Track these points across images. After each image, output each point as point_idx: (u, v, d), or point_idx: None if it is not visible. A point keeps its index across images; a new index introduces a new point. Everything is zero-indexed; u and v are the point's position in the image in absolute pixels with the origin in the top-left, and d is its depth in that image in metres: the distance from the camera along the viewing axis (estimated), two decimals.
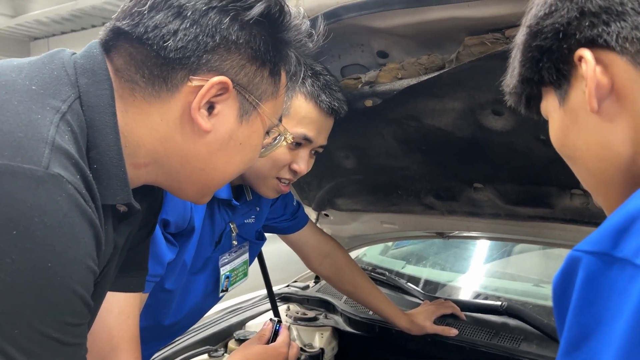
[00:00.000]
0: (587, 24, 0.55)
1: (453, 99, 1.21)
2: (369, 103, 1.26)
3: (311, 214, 1.88)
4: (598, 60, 0.55)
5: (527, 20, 0.62)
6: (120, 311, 0.86)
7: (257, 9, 0.66)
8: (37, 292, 0.50)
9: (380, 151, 1.50)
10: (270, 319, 1.24)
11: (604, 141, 0.57)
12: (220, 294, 1.34)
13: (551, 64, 0.59)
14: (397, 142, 1.43)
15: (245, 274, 1.39)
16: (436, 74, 1.13)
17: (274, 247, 1.71)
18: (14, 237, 0.49)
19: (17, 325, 0.50)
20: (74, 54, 0.68)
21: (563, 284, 0.48)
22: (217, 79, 0.65)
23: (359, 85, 1.27)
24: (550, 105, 0.63)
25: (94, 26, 9.94)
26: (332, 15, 1.09)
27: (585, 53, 0.55)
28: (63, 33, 10.37)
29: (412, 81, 1.16)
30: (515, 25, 0.99)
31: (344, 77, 1.31)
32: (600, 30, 0.54)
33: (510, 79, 0.67)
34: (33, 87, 0.58)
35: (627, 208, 0.46)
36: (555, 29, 0.58)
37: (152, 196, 0.81)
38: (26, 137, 0.53)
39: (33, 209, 0.50)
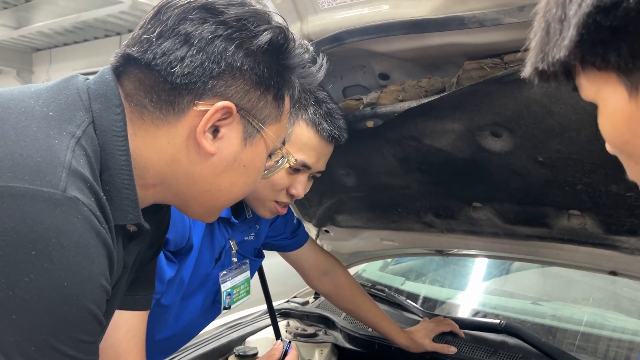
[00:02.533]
0: None
1: (452, 120, 1.23)
2: (370, 124, 1.29)
3: (311, 230, 1.90)
4: None
5: None
6: (127, 329, 0.87)
7: (263, 38, 0.68)
8: (52, 310, 0.53)
9: (380, 170, 1.52)
10: (281, 339, 1.26)
11: None
12: (223, 311, 1.36)
13: (627, 48, 0.47)
14: (397, 161, 1.46)
15: (248, 292, 1.40)
16: (436, 97, 1.15)
17: (273, 260, 1.72)
18: (32, 257, 0.51)
19: (33, 341, 0.52)
20: (87, 79, 0.70)
21: None
22: (221, 104, 0.67)
23: (361, 106, 1.30)
24: (608, 93, 0.51)
25: (96, 38, 10.05)
26: (335, 39, 1.12)
27: None
28: (65, 44, 10.48)
29: (413, 103, 1.19)
30: (513, 51, 1.03)
31: (346, 98, 1.34)
32: None
33: (548, 51, 0.53)
34: (50, 114, 0.61)
35: None
36: None
37: (159, 216, 0.83)
38: (45, 162, 0.55)
39: (51, 230, 0.52)
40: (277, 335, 1.68)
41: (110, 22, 9.05)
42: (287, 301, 2.03)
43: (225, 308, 1.34)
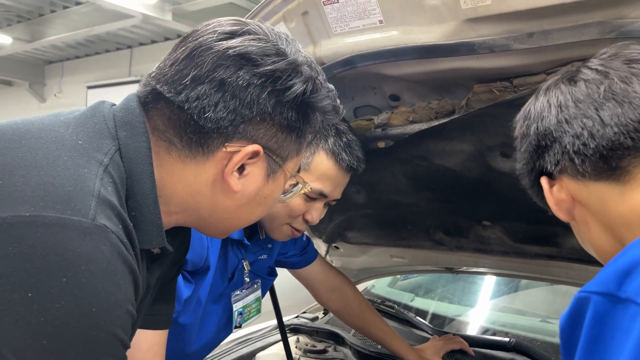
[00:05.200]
0: (535, 158, 0.75)
1: (462, 141, 1.25)
2: (381, 144, 1.31)
3: (321, 246, 1.92)
4: (554, 182, 0.73)
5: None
6: (148, 348, 0.89)
7: (295, 90, 0.70)
8: (81, 335, 0.54)
9: (390, 188, 1.54)
10: None
11: (594, 239, 0.71)
12: (234, 330, 1.38)
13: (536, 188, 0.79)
14: (407, 180, 1.47)
15: (259, 311, 1.42)
16: (447, 119, 1.17)
17: (281, 274, 1.73)
18: (63, 284, 0.53)
19: None
20: (114, 105, 0.73)
21: (571, 324, 0.52)
22: (251, 148, 0.70)
23: (372, 127, 1.32)
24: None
25: (107, 51, 10.18)
26: (347, 63, 1.14)
27: (542, 180, 0.74)
28: (77, 57, 10.64)
29: (424, 126, 1.21)
30: (522, 75, 1.05)
31: (357, 118, 1.36)
32: (542, 161, 0.74)
33: (522, 169, 0.85)
34: (80, 142, 0.64)
35: (632, 253, 0.51)
36: (527, 169, 0.79)
37: (180, 237, 0.85)
38: (75, 191, 0.58)
39: (81, 257, 0.54)
40: (287, 351, 1.69)
41: (122, 36, 9.19)
42: (297, 317, 2.04)
43: (236, 327, 1.36)
